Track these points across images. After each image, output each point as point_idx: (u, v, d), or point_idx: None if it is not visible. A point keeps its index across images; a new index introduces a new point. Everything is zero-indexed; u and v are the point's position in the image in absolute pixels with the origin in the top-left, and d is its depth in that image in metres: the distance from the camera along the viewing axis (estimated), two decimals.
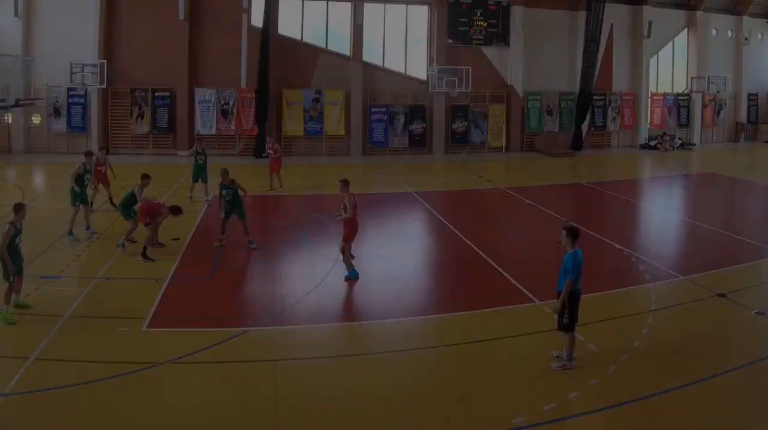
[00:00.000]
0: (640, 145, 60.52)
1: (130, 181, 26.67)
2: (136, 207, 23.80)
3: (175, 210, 23.77)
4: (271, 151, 36.45)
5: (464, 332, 17.00)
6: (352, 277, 20.79)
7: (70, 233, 25.39)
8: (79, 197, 25.84)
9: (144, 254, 22.78)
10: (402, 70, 54.74)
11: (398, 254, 24.75)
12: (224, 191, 24.29)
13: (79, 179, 25.92)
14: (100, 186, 29.81)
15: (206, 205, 31.10)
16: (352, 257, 21.22)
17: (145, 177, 24.67)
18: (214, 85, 49.31)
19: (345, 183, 21.15)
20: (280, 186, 36.09)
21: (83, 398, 13.15)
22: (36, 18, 47.31)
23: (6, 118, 47.42)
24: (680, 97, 62.92)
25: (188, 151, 32.89)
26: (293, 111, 50.85)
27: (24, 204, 17.51)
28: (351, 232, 20.77)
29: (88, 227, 26.35)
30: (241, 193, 24.35)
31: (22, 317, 17.13)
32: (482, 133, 55.08)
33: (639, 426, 12.61)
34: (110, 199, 30.16)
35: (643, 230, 29.86)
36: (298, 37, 52.09)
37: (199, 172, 32.25)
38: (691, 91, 62.68)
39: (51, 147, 48.55)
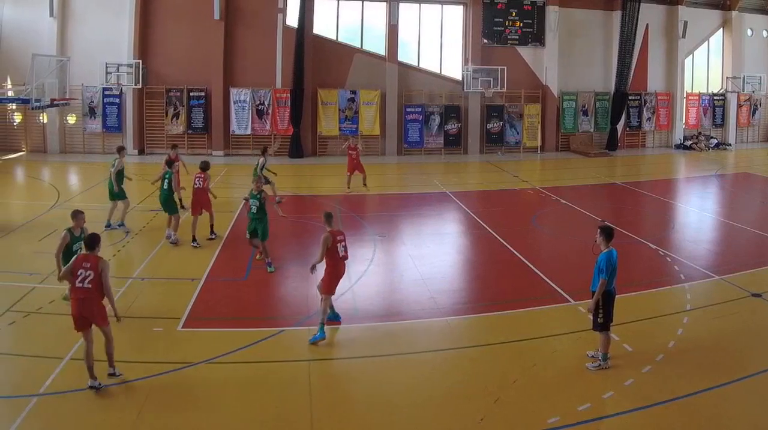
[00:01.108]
0: (675, 145, 60.05)
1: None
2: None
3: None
4: (353, 152, 35.88)
5: (499, 332, 17.05)
6: (316, 339, 16.16)
7: (121, 224, 26.53)
8: (119, 195, 26.46)
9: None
10: (437, 70, 54.69)
11: (433, 254, 24.73)
12: (252, 200, 22.22)
13: (119, 176, 26.54)
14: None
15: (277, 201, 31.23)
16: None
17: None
18: (249, 85, 49.43)
19: (327, 218, 17.22)
20: (349, 187, 35.91)
21: (118, 399, 13.24)
22: (71, 18, 47.73)
23: (41, 118, 47.75)
24: (715, 97, 62.36)
25: (261, 162, 32.02)
26: (328, 111, 50.91)
27: (81, 212, 17.36)
28: (328, 282, 16.80)
29: (109, 224, 26.81)
30: (275, 204, 23.06)
31: (57, 317, 17.21)
32: (517, 133, 54.98)
33: (675, 426, 12.59)
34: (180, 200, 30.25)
35: (678, 229, 29.57)
36: (334, 37, 52.21)
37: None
38: (726, 91, 62.16)
39: (86, 147, 48.87)
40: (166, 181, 25.42)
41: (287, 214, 27.74)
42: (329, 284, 16.70)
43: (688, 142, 59.28)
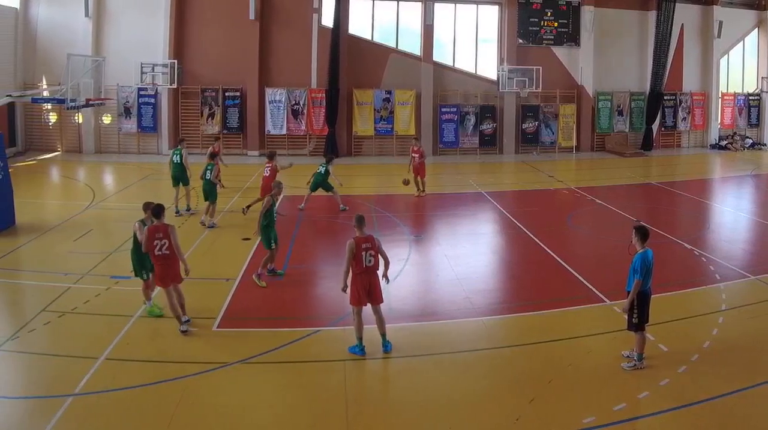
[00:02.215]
0: (710, 145, 59.52)
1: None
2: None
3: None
4: (416, 155, 35.06)
5: (535, 332, 17.04)
6: (354, 352, 15.60)
7: (178, 210, 29.43)
8: (186, 180, 29.98)
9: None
10: (472, 70, 54.59)
11: (468, 254, 24.69)
12: (275, 209, 21.30)
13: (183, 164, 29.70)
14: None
15: (342, 208, 31.07)
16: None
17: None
18: (285, 85, 49.58)
19: (358, 222, 16.10)
20: (423, 191, 35.26)
21: (153, 399, 13.31)
22: (106, 18, 48.08)
23: (76, 118, 48.09)
24: (751, 97, 61.67)
25: (327, 169, 31.79)
26: (363, 111, 51.01)
27: (153, 203, 17.49)
28: (352, 292, 15.82)
29: (183, 210, 29.50)
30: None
31: (92, 317, 17.44)
32: (552, 133, 54.76)
33: (710, 426, 12.54)
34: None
35: (714, 229, 29.38)
36: (369, 37, 52.30)
37: (327, 186, 31.66)
38: (762, 91, 61.43)
39: (121, 147, 49.26)
40: (208, 171, 27.46)
41: (322, 215, 27.87)
42: (353, 295, 15.72)
43: (724, 142, 58.74)
